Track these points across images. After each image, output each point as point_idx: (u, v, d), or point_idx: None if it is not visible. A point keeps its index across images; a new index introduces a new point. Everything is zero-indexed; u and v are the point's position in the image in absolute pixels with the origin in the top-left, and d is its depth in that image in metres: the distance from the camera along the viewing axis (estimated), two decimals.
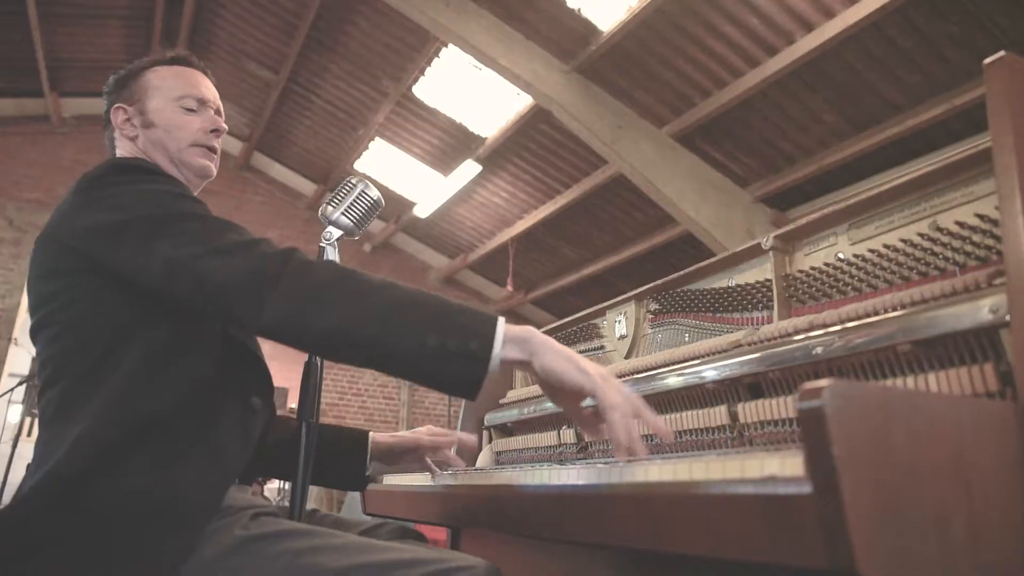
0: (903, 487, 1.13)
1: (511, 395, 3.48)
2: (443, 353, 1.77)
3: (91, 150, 14.24)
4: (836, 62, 8.34)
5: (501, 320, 1.85)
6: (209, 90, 2.60)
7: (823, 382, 1.11)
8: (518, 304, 16.87)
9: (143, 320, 2.07)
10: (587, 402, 1.85)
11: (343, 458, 2.78)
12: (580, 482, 1.65)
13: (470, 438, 2.85)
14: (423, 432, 2.85)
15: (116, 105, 2.53)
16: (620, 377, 2.65)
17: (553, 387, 1.86)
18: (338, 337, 1.84)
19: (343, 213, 2.45)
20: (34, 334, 2.19)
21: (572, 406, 1.91)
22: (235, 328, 2.19)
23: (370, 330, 1.81)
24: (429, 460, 2.79)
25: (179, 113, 2.51)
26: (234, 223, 2.09)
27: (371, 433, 2.84)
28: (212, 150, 2.54)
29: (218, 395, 2.14)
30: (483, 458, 3.35)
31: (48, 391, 2.10)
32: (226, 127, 2.60)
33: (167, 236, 1.99)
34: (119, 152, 2.52)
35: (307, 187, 16.22)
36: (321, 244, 2.41)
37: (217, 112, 2.61)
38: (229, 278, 1.91)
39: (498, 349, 1.80)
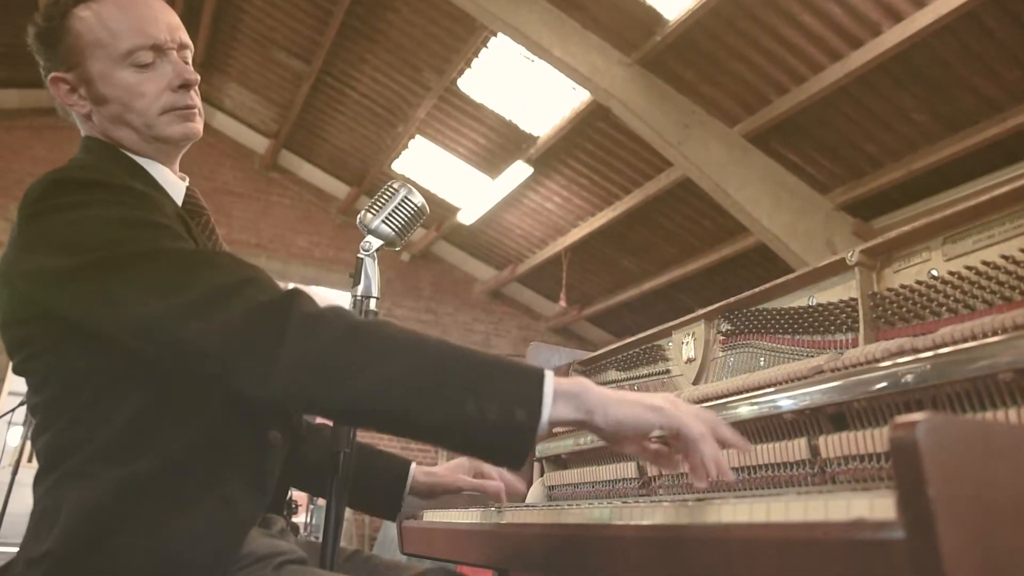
0: (1006, 532, 1.12)
1: None
2: (483, 423, 1.69)
3: None
4: (927, 56, 8.25)
5: (549, 376, 1.75)
6: (162, 21, 2.26)
7: (917, 415, 1.11)
8: (572, 321, 16.84)
9: (130, 368, 1.97)
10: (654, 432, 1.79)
11: (378, 487, 2.75)
12: (645, 522, 1.65)
13: (518, 486, 2.84)
14: (466, 468, 2.82)
15: (52, 75, 2.27)
16: None
17: (622, 437, 1.80)
18: (361, 407, 1.76)
19: (384, 221, 2.44)
20: (19, 375, 2.13)
21: (640, 446, 1.85)
22: (220, 399, 2.03)
23: (397, 398, 1.73)
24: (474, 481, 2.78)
25: (132, 74, 2.20)
26: (207, 252, 2.00)
27: (413, 466, 2.81)
28: (190, 108, 2.28)
29: (226, 439, 2.07)
30: (534, 493, 3.35)
31: (38, 439, 2.07)
32: (196, 75, 2.27)
33: (129, 285, 1.85)
34: (83, 133, 2.31)
35: (340, 189, 16.24)
36: (359, 255, 2.41)
37: (181, 49, 2.29)
38: (217, 346, 1.77)
39: (547, 414, 1.70)
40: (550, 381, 1.73)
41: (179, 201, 2.27)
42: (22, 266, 1.97)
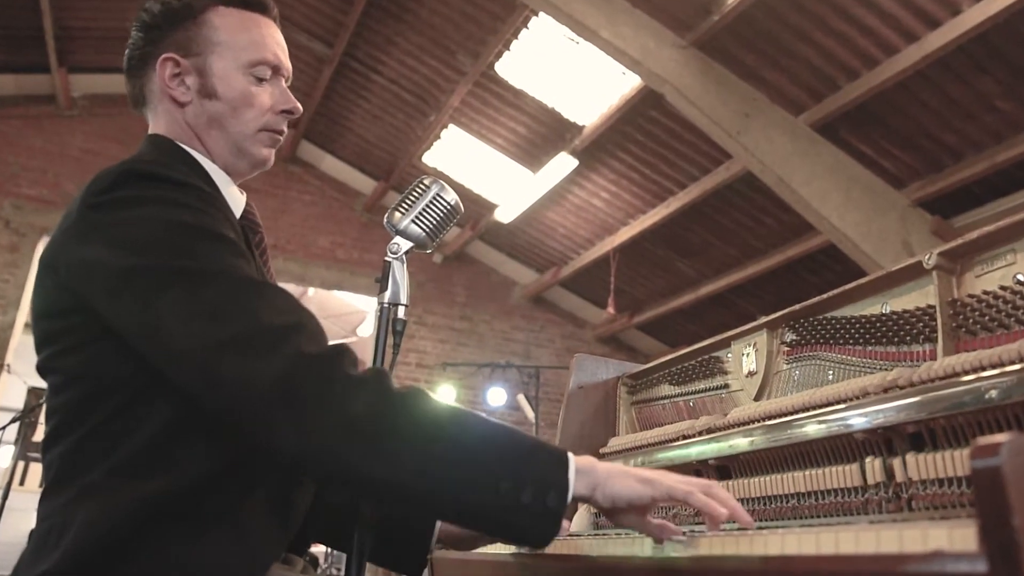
0: None
1: (614, 443, 3.47)
2: (517, 506, 1.82)
3: (105, 137, 14.43)
4: (1012, 36, 8.17)
5: (571, 457, 1.90)
6: (283, 50, 2.53)
7: (1000, 436, 1.10)
8: (621, 329, 16.83)
9: (162, 381, 1.99)
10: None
11: (398, 538, 2.73)
12: (700, 553, 1.65)
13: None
14: None
15: (165, 54, 2.40)
16: (748, 424, 2.67)
17: (619, 511, 1.93)
18: (395, 481, 1.84)
19: (414, 220, 2.44)
20: (41, 375, 2.18)
21: (640, 520, 1.95)
22: (248, 447, 2.06)
23: (435, 476, 1.84)
24: None
25: (250, 84, 2.43)
26: (262, 284, 2.04)
27: None
28: (280, 135, 2.51)
29: (254, 465, 2.11)
30: (579, 521, 3.34)
31: (51, 448, 2.10)
32: (300, 107, 2.54)
33: (176, 302, 1.92)
34: (156, 124, 2.45)
35: (365, 184, 16.27)
36: (387, 258, 2.41)
37: (287, 78, 2.54)
38: (253, 393, 1.84)
39: (570, 496, 1.86)
40: (573, 462, 1.89)
41: (237, 215, 2.37)
42: (74, 255, 2.04)
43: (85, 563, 1.89)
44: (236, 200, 2.42)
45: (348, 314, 20.28)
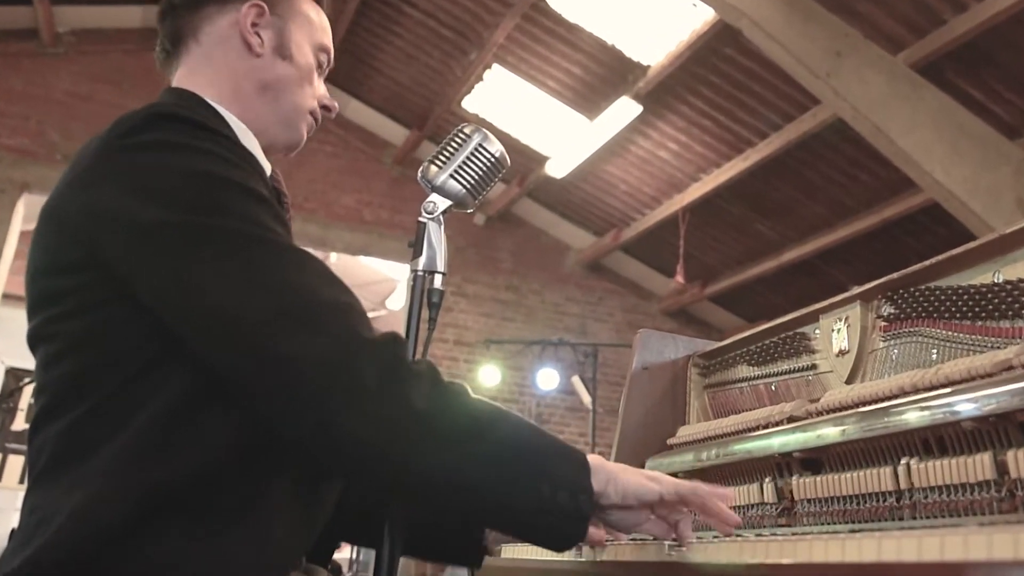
0: None
1: (683, 433, 3.47)
2: (554, 508, 2.01)
3: (95, 78, 14.44)
4: None
5: (587, 458, 2.10)
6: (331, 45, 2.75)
7: None
8: (692, 302, 16.82)
9: (177, 350, 2.03)
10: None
11: (448, 522, 2.75)
12: (785, 560, 1.65)
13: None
14: None
15: (252, 1, 2.54)
16: (839, 410, 2.68)
17: (627, 508, 2.14)
18: (436, 480, 1.99)
19: (453, 175, 2.45)
20: (32, 345, 2.19)
21: (638, 520, 2.19)
22: (286, 432, 2.08)
23: (478, 476, 2.00)
24: None
25: (314, 62, 2.64)
26: (306, 254, 2.10)
27: None
28: (312, 128, 2.67)
29: (274, 456, 2.13)
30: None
31: (42, 429, 2.11)
32: (335, 104, 2.75)
33: (218, 265, 1.97)
34: (191, 74, 2.50)
35: (396, 134, 16.25)
36: (421, 219, 2.42)
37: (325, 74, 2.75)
38: (304, 364, 1.92)
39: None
40: (588, 462, 2.09)
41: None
42: (90, 202, 2.08)
43: (69, 558, 1.90)
44: (264, 166, 2.43)
45: (376, 283, 20.28)
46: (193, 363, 2.02)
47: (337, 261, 18.54)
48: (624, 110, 12.77)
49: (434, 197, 2.44)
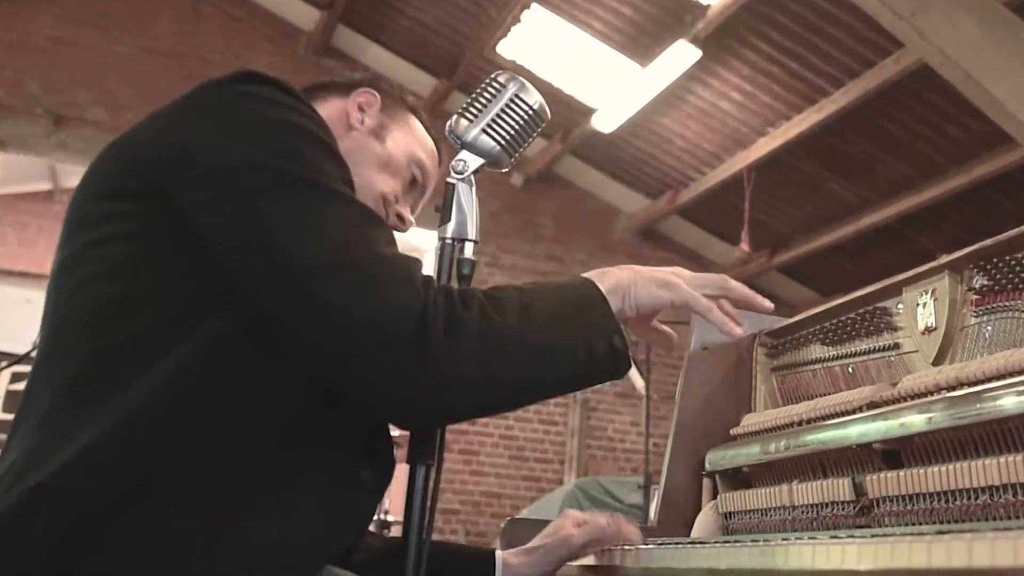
0: None
1: (748, 421, 3.46)
2: (593, 360, 2.29)
3: (80, 22, 14.44)
4: None
5: (601, 289, 2.35)
6: (433, 180, 2.99)
7: None
8: (758, 272, 16.82)
9: (224, 293, 2.09)
10: None
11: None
12: (863, 567, 1.64)
13: (634, 533, 3.02)
14: (568, 524, 3.01)
15: (368, 90, 2.89)
16: (926, 395, 2.66)
17: (637, 319, 2.49)
18: (505, 400, 2.37)
19: (486, 130, 2.46)
20: (59, 274, 2.23)
21: (648, 326, 2.57)
22: (349, 395, 2.18)
23: (534, 379, 2.28)
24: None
25: (404, 164, 2.87)
26: (372, 211, 2.28)
27: (498, 553, 2.97)
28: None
29: (313, 443, 2.17)
30: (703, 522, 3.34)
31: (50, 363, 2.15)
32: (412, 221, 2.96)
33: (289, 200, 2.08)
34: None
35: (423, 82, 16.25)
36: (450, 179, 2.43)
37: (418, 196, 3.01)
38: (363, 318, 2.02)
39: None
40: (604, 292, 2.35)
41: None
42: (170, 129, 2.23)
43: (85, 497, 1.92)
44: None
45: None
46: (240, 311, 2.08)
47: None
48: (681, 55, 12.73)
49: (464, 155, 2.45)
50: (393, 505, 8.45)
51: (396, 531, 10.47)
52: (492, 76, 2.53)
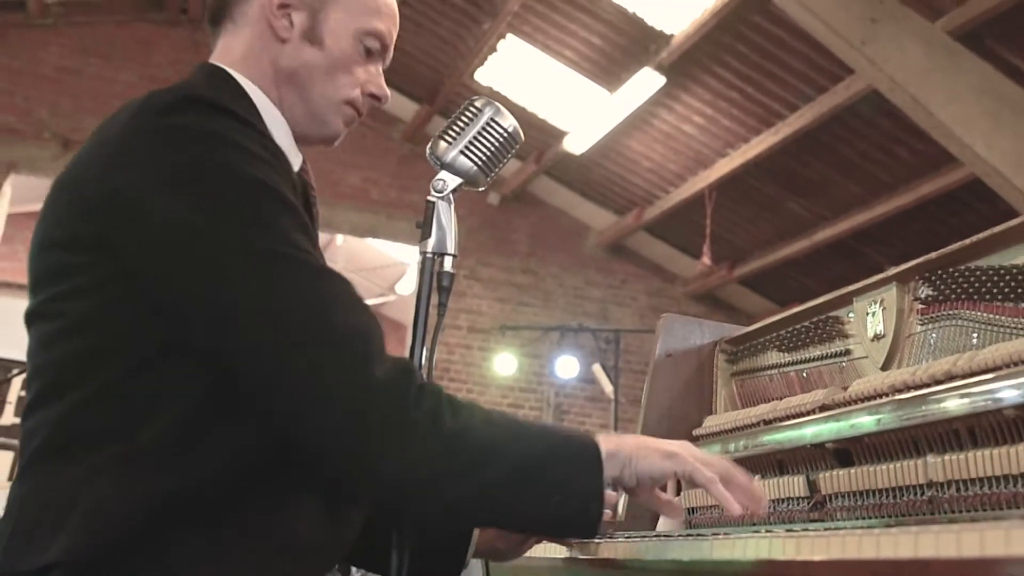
0: None
1: (709, 423, 3.48)
2: (565, 517, 2.19)
3: (86, 52, 14.46)
4: None
5: (602, 452, 2.20)
6: (396, 27, 2.68)
7: None
8: (719, 284, 16.83)
9: (183, 343, 2.06)
10: None
11: (433, 546, 2.71)
12: (816, 557, 1.65)
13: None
14: None
15: None
16: (875, 398, 2.68)
17: (640, 488, 2.30)
18: (459, 515, 2.32)
19: (464, 151, 2.46)
20: (29, 323, 2.20)
21: (652, 494, 2.36)
22: (309, 461, 2.17)
23: (494, 502, 2.18)
24: None
25: (355, 51, 2.54)
26: (331, 273, 2.16)
27: None
28: (359, 116, 2.63)
29: (302, 467, 2.15)
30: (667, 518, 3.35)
31: (37, 412, 2.12)
32: (387, 94, 2.69)
33: (240, 276, 2.02)
34: (227, 51, 2.50)
35: (405, 108, 16.22)
36: (430, 198, 2.43)
37: (386, 64, 2.69)
38: (317, 404, 1.99)
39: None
40: (603, 455, 2.20)
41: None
42: (114, 181, 2.08)
43: (91, 560, 1.92)
44: (293, 156, 2.48)
45: (384, 267, 20.32)
46: (200, 374, 2.05)
47: (343, 244, 18.59)
48: (646, 82, 12.71)
49: (444, 175, 2.46)
50: None
51: None
52: (469, 101, 2.53)
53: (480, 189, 2.54)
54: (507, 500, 2.15)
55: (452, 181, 2.45)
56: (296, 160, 2.51)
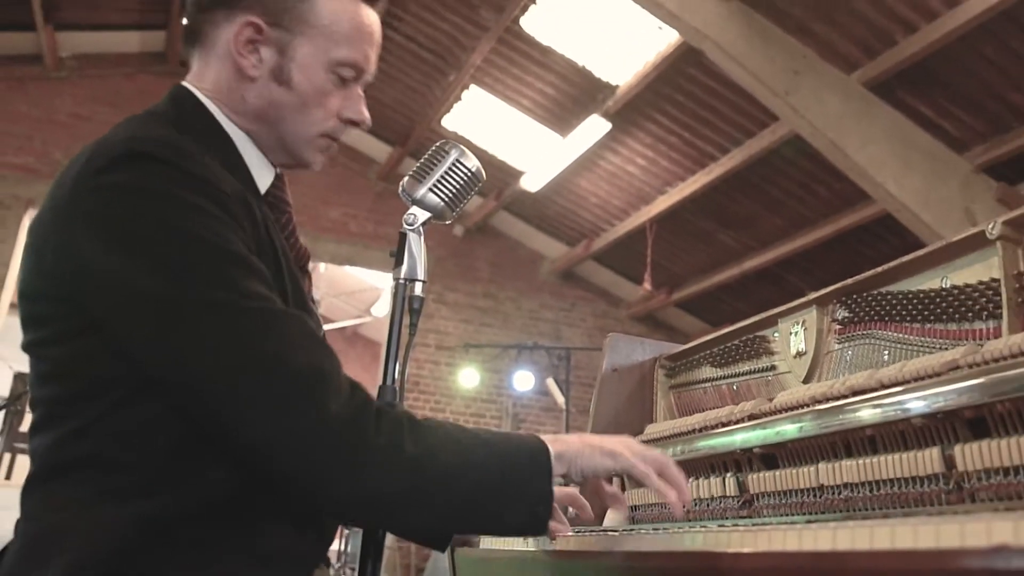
0: None
1: (651, 430, 3.48)
2: (515, 525, 2.19)
3: (96, 100, 14.45)
4: None
5: (551, 454, 2.18)
6: (375, 49, 2.46)
7: None
8: (658, 307, 16.82)
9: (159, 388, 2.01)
10: None
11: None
12: (746, 550, 1.65)
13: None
14: None
15: (250, 16, 2.26)
16: (797, 408, 2.69)
17: (587, 482, 2.33)
18: (417, 533, 2.32)
19: (432, 189, 2.46)
20: (27, 353, 2.15)
21: (597, 486, 2.38)
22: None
23: (448, 522, 2.20)
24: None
25: (328, 82, 2.34)
26: (280, 317, 2.03)
27: None
28: (335, 143, 2.48)
29: (275, 498, 2.12)
30: (613, 515, 3.35)
31: (35, 437, 2.11)
32: (367, 119, 2.48)
33: (191, 333, 1.94)
34: (200, 74, 2.34)
35: (380, 151, 16.23)
36: (402, 230, 2.43)
37: (366, 84, 2.48)
38: (276, 444, 1.96)
39: (553, 493, 2.19)
40: (552, 457, 2.18)
41: (263, 188, 2.36)
42: (65, 243, 2.00)
43: None
44: (264, 172, 2.37)
45: (361, 292, 20.34)
46: (166, 412, 2.00)
47: (325, 271, 18.59)
48: (594, 127, 12.79)
49: (414, 209, 2.45)
50: None
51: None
52: (437, 144, 2.53)
53: (447, 222, 2.54)
54: (466, 516, 2.15)
55: (422, 215, 2.45)
56: (267, 177, 2.39)
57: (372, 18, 2.42)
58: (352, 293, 20.25)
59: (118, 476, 1.97)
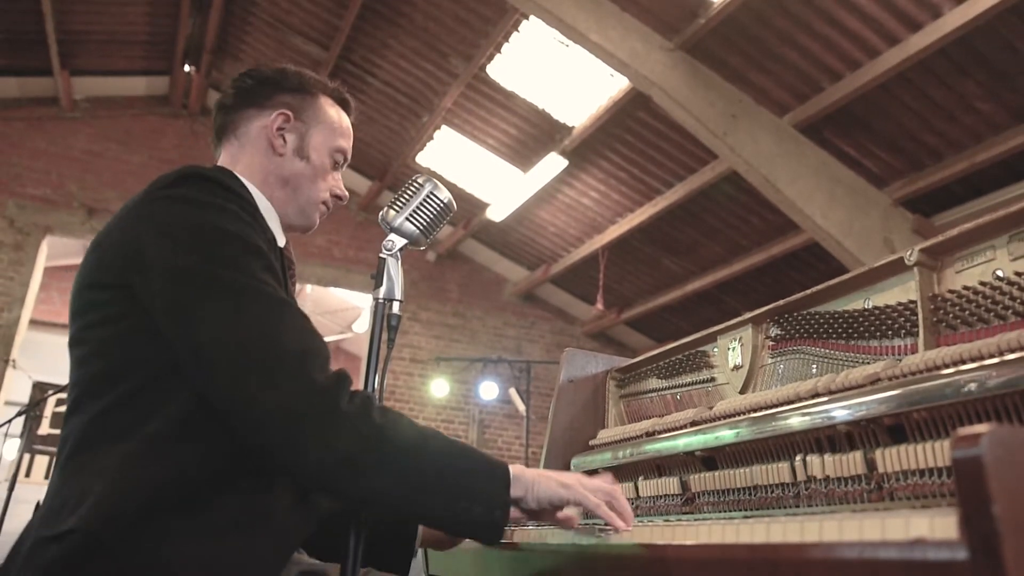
0: None
1: (603, 435, 3.48)
2: (471, 519, 2.16)
3: (107, 138, 14.42)
4: (992, 39, 8.15)
5: (511, 473, 2.22)
6: (349, 140, 2.84)
7: (981, 427, 1.10)
8: (610, 325, 16.81)
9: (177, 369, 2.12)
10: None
11: (388, 541, 2.80)
12: (688, 542, 1.65)
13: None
14: None
15: (282, 109, 2.68)
16: (734, 416, 2.70)
17: (542, 510, 2.26)
18: (378, 501, 2.14)
19: (408, 218, 2.50)
20: (71, 348, 2.28)
21: (552, 515, 2.29)
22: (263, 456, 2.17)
23: (408, 497, 2.13)
24: None
25: (328, 164, 2.74)
26: (284, 305, 2.18)
27: None
28: (327, 211, 2.79)
29: (272, 474, 2.21)
30: (568, 510, 3.34)
31: (70, 420, 2.19)
32: (346, 195, 2.85)
33: (212, 300, 2.10)
34: (233, 159, 2.65)
35: (360, 184, 16.10)
36: (381, 255, 2.45)
37: (342, 167, 2.85)
38: (263, 409, 2.04)
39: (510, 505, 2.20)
40: (512, 476, 2.21)
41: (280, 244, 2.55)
42: (124, 238, 2.23)
43: (113, 520, 1.97)
44: (279, 236, 2.58)
45: (344, 310, 20.25)
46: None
47: (311, 292, 18.55)
48: (552, 164, 12.81)
49: (392, 237, 2.49)
50: None
51: None
52: (413, 178, 2.58)
53: (421, 248, 2.57)
54: (421, 496, 2.12)
55: (399, 241, 2.49)
56: (281, 240, 2.59)
57: (346, 118, 2.86)
58: (335, 311, 20.18)
59: (134, 446, 2.06)
